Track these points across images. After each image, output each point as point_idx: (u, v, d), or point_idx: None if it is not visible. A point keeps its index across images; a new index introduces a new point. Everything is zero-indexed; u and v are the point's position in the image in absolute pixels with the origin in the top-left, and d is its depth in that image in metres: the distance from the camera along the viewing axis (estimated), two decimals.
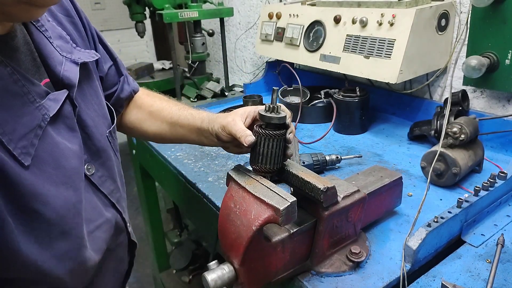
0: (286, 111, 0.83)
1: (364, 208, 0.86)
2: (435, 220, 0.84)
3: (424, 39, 1.32)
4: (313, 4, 1.66)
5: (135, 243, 0.95)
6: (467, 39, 1.33)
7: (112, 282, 0.89)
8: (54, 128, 0.65)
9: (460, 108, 1.31)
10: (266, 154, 0.78)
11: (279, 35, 1.76)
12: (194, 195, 1.24)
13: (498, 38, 1.22)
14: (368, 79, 1.69)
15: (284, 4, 1.85)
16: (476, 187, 0.94)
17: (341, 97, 1.53)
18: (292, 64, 1.89)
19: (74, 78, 0.71)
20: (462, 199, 0.90)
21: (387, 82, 1.33)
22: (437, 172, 1.10)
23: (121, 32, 4.39)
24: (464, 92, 1.35)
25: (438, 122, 1.28)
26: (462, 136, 1.07)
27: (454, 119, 1.20)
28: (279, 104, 0.79)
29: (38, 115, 0.62)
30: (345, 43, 1.45)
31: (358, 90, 1.51)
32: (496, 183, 0.98)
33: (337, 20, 1.48)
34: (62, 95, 0.68)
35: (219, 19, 2.24)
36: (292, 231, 0.77)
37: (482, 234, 0.92)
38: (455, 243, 0.91)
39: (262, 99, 1.80)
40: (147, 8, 2.24)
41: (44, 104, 0.63)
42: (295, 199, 0.69)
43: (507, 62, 1.22)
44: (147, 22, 3.09)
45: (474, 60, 1.22)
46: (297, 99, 1.79)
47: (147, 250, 2.47)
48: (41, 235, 0.62)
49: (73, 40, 0.78)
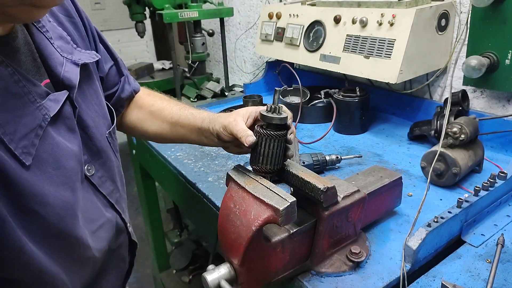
0: (287, 112, 0.83)
1: (364, 208, 0.86)
2: (435, 220, 0.84)
3: (424, 39, 1.32)
4: (313, 4, 1.66)
5: (136, 243, 0.95)
6: (467, 39, 1.33)
7: (112, 282, 0.89)
8: (54, 128, 0.65)
9: (460, 108, 1.31)
10: (267, 154, 0.78)
11: (279, 35, 1.76)
12: (194, 195, 1.24)
13: (498, 38, 1.22)
14: (368, 79, 1.69)
15: (284, 4, 1.85)
16: (476, 187, 0.94)
17: (341, 97, 1.53)
18: (292, 64, 1.89)
19: (74, 79, 0.71)
20: (462, 199, 0.90)
21: (387, 82, 1.33)
22: (437, 172, 1.10)
23: (121, 32, 4.39)
24: (464, 92, 1.35)
25: (438, 122, 1.28)
26: (462, 136, 1.07)
27: (454, 119, 1.20)
28: (280, 105, 0.79)
29: (38, 115, 0.62)
30: (345, 43, 1.45)
31: (358, 90, 1.51)
32: (496, 183, 0.98)
33: (337, 20, 1.48)
34: (63, 95, 0.68)
35: (219, 19, 2.24)
36: (292, 231, 0.77)
37: (482, 234, 0.92)
38: (455, 243, 0.91)
39: (262, 99, 1.80)
40: (147, 8, 2.24)
41: (44, 105, 0.63)
42: (294, 199, 0.69)
43: (507, 62, 1.22)
44: (147, 22, 3.09)
45: (474, 60, 1.22)
46: (297, 99, 1.79)
47: (147, 250, 2.47)
48: (40, 235, 0.62)
49: (73, 40, 0.78)
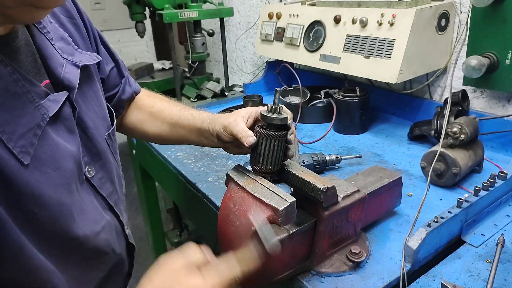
0: (288, 112, 0.83)
1: (364, 208, 0.86)
2: (435, 220, 0.84)
3: (424, 39, 1.32)
4: (313, 4, 1.66)
5: (134, 246, 0.95)
6: (467, 39, 1.33)
7: (113, 283, 0.89)
8: (53, 129, 0.65)
9: (460, 108, 1.31)
10: (267, 154, 0.78)
11: (279, 35, 1.76)
12: (194, 195, 1.24)
13: (498, 38, 1.22)
14: (368, 79, 1.69)
15: (284, 4, 1.85)
16: (476, 187, 0.94)
17: (341, 97, 1.53)
18: (292, 64, 1.89)
19: (74, 81, 0.71)
20: (462, 199, 0.90)
21: (387, 82, 1.33)
22: (437, 172, 1.10)
23: (121, 32, 4.39)
24: (464, 92, 1.35)
25: (438, 122, 1.28)
26: (462, 136, 1.07)
27: (454, 119, 1.20)
28: (280, 105, 0.79)
29: (37, 115, 0.62)
30: (345, 43, 1.45)
31: (358, 90, 1.51)
32: (496, 183, 0.98)
33: (337, 20, 1.48)
34: (62, 96, 0.68)
35: (219, 19, 2.24)
36: (291, 232, 0.77)
37: (482, 234, 0.92)
38: (455, 243, 0.91)
39: (262, 99, 1.80)
40: (147, 8, 2.24)
41: (43, 105, 0.63)
42: (294, 199, 0.69)
43: (507, 62, 1.22)
44: (147, 22, 3.09)
45: (474, 60, 1.22)
46: (297, 99, 1.79)
47: (147, 250, 2.47)
48: (36, 235, 0.62)
49: (74, 42, 0.78)
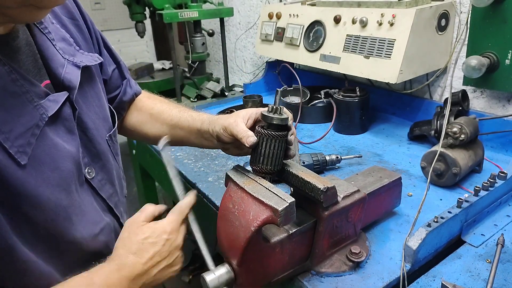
0: (288, 113, 0.83)
1: (364, 208, 0.86)
2: (435, 220, 0.84)
3: (424, 39, 1.32)
4: (313, 4, 1.66)
5: None
6: (467, 39, 1.33)
7: None
8: (52, 129, 0.65)
9: (460, 108, 1.31)
10: (267, 154, 0.78)
11: (279, 35, 1.76)
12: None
13: (498, 38, 1.22)
14: (368, 79, 1.69)
15: (284, 4, 1.85)
16: (476, 187, 0.94)
17: (341, 97, 1.53)
18: (292, 64, 1.89)
19: (74, 81, 0.71)
20: (462, 199, 0.90)
21: (387, 82, 1.33)
22: (437, 172, 1.10)
23: (121, 32, 4.39)
24: (464, 92, 1.35)
25: (438, 122, 1.28)
26: (462, 136, 1.07)
27: (454, 119, 1.20)
28: (281, 106, 0.79)
29: (36, 114, 0.62)
30: (345, 43, 1.45)
31: (358, 90, 1.51)
32: (496, 183, 0.98)
33: (337, 20, 1.48)
34: (62, 96, 0.68)
35: (219, 19, 2.24)
36: (291, 232, 0.77)
37: (482, 234, 0.92)
38: (455, 243, 0.91)
39: (262, 99, 1.80)
40: (147, 8, 2.24)
41: (42, 104, 0.63)
42: (293, 199, 0.68)
43: (507, 62, 1.21)
44: (147, 22, 3.08)
45: (474, 60, 1.21)
46: (297, 99, 1.79)
47: None
48: (31, 236, 0.62)
49: (76, 43, 0.78)
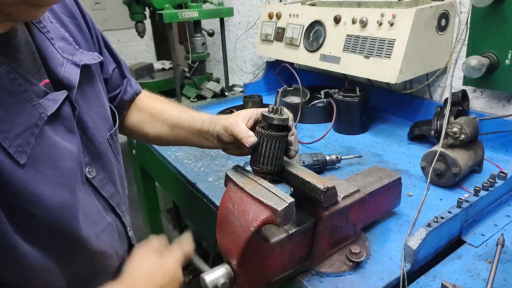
0: (289, 114, 0.83)
1: (364, 208, 0.86)
2: (435, 220, 0.84)
3: (424, 39, 1.32)
4: (313, 4, 1.66)
5: None
6: (467, 39, 1.33)
7: None
8: (52, 128, 0.65)
9: (460, 108, 1.31)
10: (268, 155, 0.78)
11: (279, 35, 1.76)
12: (194, 195, 1.24)
13: (498, 38, 1.22)
14: (368, 79, 1.68)
15: (284, 4, 1.85)
16: (476, 187, 0.94)
17: (341, 97, 1.53)
18: (292, 64, 1.89)
19: (74, 80, 0.71)
20: (462, 199, 0.90)
21: (387, 82, 1.32)
22: (437, 172, 1.10)
23: (121, 32, 4.39)
24: (464, 92, 1.35)
25: (438, 122, 1.28)
26: (462, 136, 1.07)
27: (454, 119, 1.20)
28: (282, 106, 0.79)
29: (35, 114, 0.62)
30: (345, 43, 1.45)
31: (358, 90, 1.51)
32: (496, 183, 0.98)
33: (337, 20, 1.48)
34: (61, 95, 0.67)
35: (219, 19, 2.24)
36: (290, 232, 0.77)
37: (482, 234, 0.92)
38: (455, 243, 0.91)
39: (262, 99, 1.80)
40: (147, 8, 2.24)
41: (41, 103, 0.63)
42: (293, 200, 0.68)
43: (507, 62, 1.21)
44: (147, 22, 3.08)
45: (474, 60, 1.21)
46: (297, 99, 1.79)
47: None
48: (34, 235, 0.62)
49: (76, 42, 0.78)
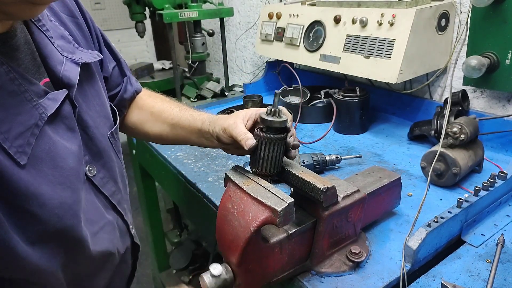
0: (287, 114, 0.83)
1: (364, 208, 0.86)
2: (435, 220, 0.84)
3: (424, 39, 1.32)
4: (313, 4, 1.66)
5: (138, 246, 0.95)
6: (467, 39, 1.33)
7: (116, 284, 0.88)
8: (52, 128, 0.65)
9: (460, 108, 1.30)
10: (267, 157, 0.78)
11: (279, 35, 1.76)
12: (194, 195, 1.24)
13: (498, 38, 1.22)
14: (368, 79, 1.68)
15: (284, 4, 1.85)
16: (476, 187, 0.94)
17: (341, 97, 1.53)
18: (292, 64, 1.89)
19: (74, 78, 0.71)
20: (462, 199, 0.90)
21: (387, 82, 1.32)
22: (437, 172, 1.09)
23: (121, 32, 4.39)
24: (464, 92, 1.35)
25: (438, 122, 1.28)
26: (462, 136, 1.07)
27: (454, 119, 1.20)
28: (280, 108, 0.78)
29: (35, 114, 0.62)
30: (345, 43, 1.45)
31: (358, 90, 1.51)
32: (496, 183, 0.98)
33: (337, 20, 1.48)
34: (61, 94, 0.67)
35: (219, 19, 2.24)
36: (290, 232, 0.77)
37: (482, 234, 0.92)
38: (455, 243, 0.91)
39: (262, 99, 1.80)
40: (147, 8, 2.24)
41: (41, 103, 0.63)
42: (292, 200, 0.68)
43: (507, 62, 1.21)
44: (147, 22, 3.08)
45: (474, 60, 1.21)
46: (297, 99, 1.79)
47: (147, 250, 2.47)
48: (36, 235, 0.62)
49: (75, 40, 0.78)
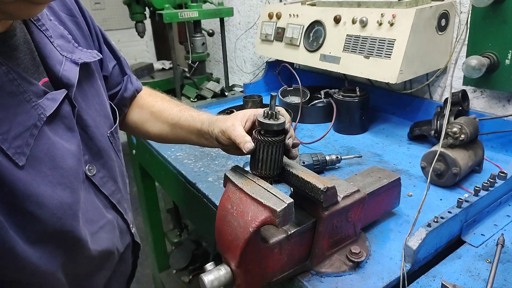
0: (286, 115, 0.82)
1: (364, 208, 0.86)
2: (435, 220, 0.84)
3: (424, 39, 1.32)
4: (313, 4, 1.66)
5: (139, 244, 0.95)
6: (467, 39, 1.33)
7: (116, 283, 0.88)
8: (51, 128, 0.65)
9: (460, 108, 1.30)
10: (266, 160, 0.78)
11: (279, 35, 1.76)
12: (194, 195, 1.24)
13: (498, 38, 1.22)
14: (368, 79, 1.68)
15: (284, 4, 1.85)
16: (476, 187, 0.94)
17: (341, 97, 1.53)
18: (292, 64, 1.89)
19: (73, 78, 0.71)
20: (462, 199, 0.90)
21: (387, 82, 1.32)
22: (437, 172, 1.09)
23: (121, 32, 4.39)
24: (464, 92, 1.35)
25: (438, 122, 1.28)
26: (462, 136, 1.07)
27: (454, 119, 1.20)
28: (278, 109, 0.78)
29: (34, 114, 0.61)
30: (345, 43, 1.45)
31: (358, 90, 1.51)
32: (496, 183, 0.98)
33: (337, 20, 1.48)
34: (60, 94, 0.67)
35: (219, 19, 2.24)
36: (289, 233, 0.77)
37: (482, 234, 0.92)
38: (455, 243, 0.91)
39: (262, 99, 1.80)
40: (147, 8, 2.24)
41: (40, 104, 0.63)
42: (292, 200, 0.68)
43: (507, 62, 1.21)
44: (147, 22, 3.09)
45: (474, 60, 1.21)
46: (297, 99, 1.79)
47: (147, 250, 2.47)
48: (36, 235, 0.62)
49: (75, 39, 0.78)
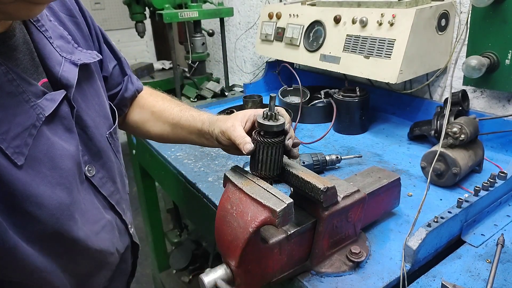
0: (285, 115, 0.82)
1: (364, 208, 0.86)
2: (435, 220, 0.84)
3: (424, 39, 1.32)
4: (313, 4, 1.66)
5: (138, 245, 0.95)
6: (467, 39, 1.33)
7: (116, 283, 0.88)
8: (50, 128, 0.65)
9: (460, 108, 1.30)
10: (265, 161, 0.78)
11: (279, 35, 1.76)
12: (194, 195, 1.24)
13: (498, 38, 1.22)
14: (368, 79, 1.68)
15: (284, 4, 1.85)
16: (476, 187, 0.94)
17: (341, 97, 1.53)
18: (292, 64, 1.89)
19: (72, 79, 0.71)
20: (462, 199, 0.90)
21: (387, 82, 1.32)
22: (437, 172, 1.09)
23: (121, 32, 4.39)
24: (464, 92, 1.35)
25: (438, 122, 1.28)
26: (462, 136, 1.07)
27: (454, 119, 1.20)
28: (278, 110, 0.78)
29: (33, 114, 0.62)
30: (345, 43, 1.45)
31: (358, 90, 1.51)
32: (496, 183, 0.98)
33: (337, 20, 1.48)
34: (59, 95, 0.67)
35: (219, 19, 2.24)
36: (289, 233, 0.77)
37: (482, 234, 0.92)
38: (455, 243, 0.91)
39: (262, 99, 1.80)
40: (147, 8, 2.24)
41: (39, 104, 0.63)
42: (291, 200, 0.68)
43: (507, 62, 1.21)
44: (147, 22, 3.08)
45: (474, 60, 1.21)
46: (297, 99, 1.79)
47: (147, 250, 2.47)
48: (35, 235, 0.62)
49: (75, 40, 0.78)
